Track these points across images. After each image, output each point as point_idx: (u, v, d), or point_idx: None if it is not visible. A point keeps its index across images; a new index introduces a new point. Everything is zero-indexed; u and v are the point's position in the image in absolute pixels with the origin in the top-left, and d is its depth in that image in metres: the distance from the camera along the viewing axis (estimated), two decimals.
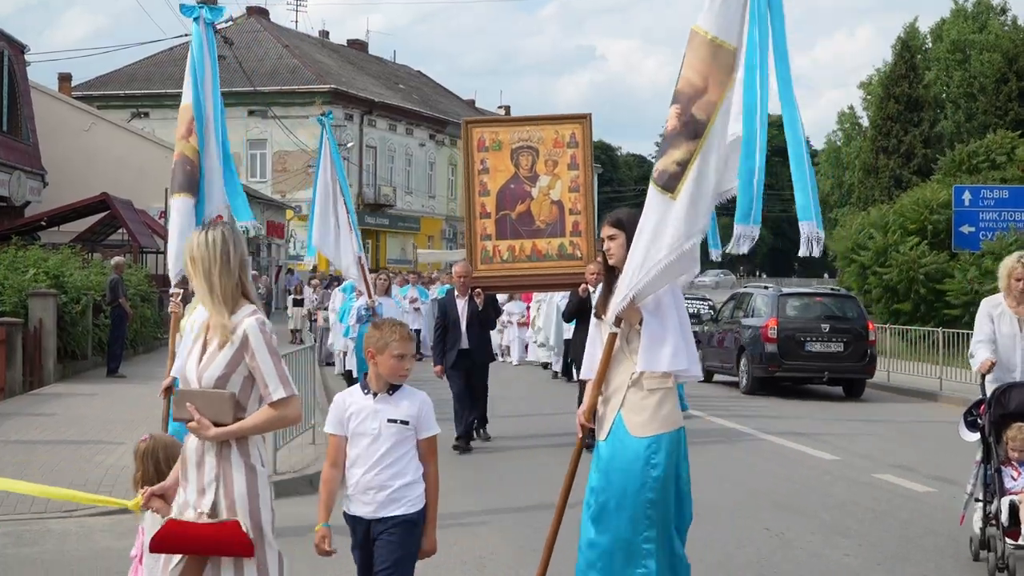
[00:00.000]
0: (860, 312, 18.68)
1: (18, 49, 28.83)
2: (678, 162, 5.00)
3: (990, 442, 6.96)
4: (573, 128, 11.80)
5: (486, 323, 12.15)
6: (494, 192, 11.71)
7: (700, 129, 4.99)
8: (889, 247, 28.05)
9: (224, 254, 4.05)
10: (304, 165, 48.20)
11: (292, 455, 10.32)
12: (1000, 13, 52.49)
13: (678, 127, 5.03)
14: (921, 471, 10.76)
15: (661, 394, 5.23)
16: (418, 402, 4.65)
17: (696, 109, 5.00)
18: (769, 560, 7.25)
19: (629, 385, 5.25)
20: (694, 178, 4.99)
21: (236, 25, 46.43)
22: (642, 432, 5.19)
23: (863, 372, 17.98)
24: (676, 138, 5.03)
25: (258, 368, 3.99)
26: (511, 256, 11.64)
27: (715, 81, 5.00)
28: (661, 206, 5.05)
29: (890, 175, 41.60)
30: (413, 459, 4.62)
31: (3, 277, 17.14)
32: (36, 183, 28.92)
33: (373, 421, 4.59)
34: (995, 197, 26.65)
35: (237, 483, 3.98)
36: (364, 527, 4.60)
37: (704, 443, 12.48)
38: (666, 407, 5.23)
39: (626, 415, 5.25)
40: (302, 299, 27.62)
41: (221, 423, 3.95)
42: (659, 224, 5.04)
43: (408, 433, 4.61)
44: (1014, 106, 39.65)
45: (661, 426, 5.19)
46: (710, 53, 5.00)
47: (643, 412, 5.22)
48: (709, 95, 4.99)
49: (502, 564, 7.13)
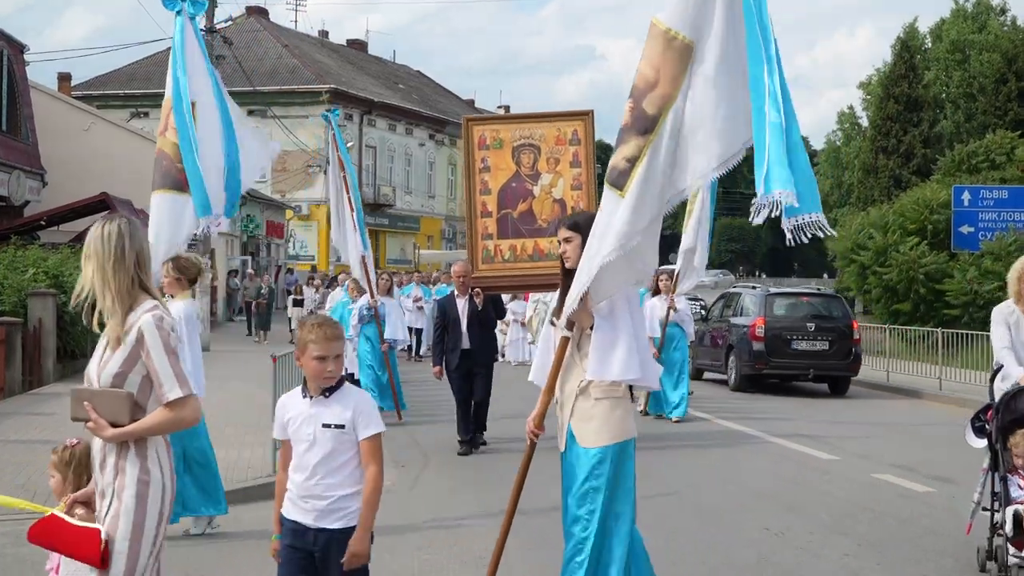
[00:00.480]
0: (845, 311, 19.20)
1: (17, 49, 28.81)
2: (628, 158, 4.82)
3: (997, 449, 6.67)
4: (575, 125, 11.61)
5: (486, 323, 11.99)
6: (495, 191, 11.60)
7: (650, 125, 4.79)
8: (889, 247, 28.07)
9: (119, 248, 3.89)
10: (304, 165, 48.24)
11: None
12: (1000, 13, 52.51)
13: (630, 122, 4.85)
14: (921, 471, 10.76)
15: (610, 403, 5.07)
16: (353, 403, 4.33)
17: (647, 103, 4.80)
18: (769, 560, 7.25)
19: (577, 393, 5.11)
20: (642, 176, 4.79)
21: (236, 25, 46.34)
22: (589, 442, 5.07)
23: (847, 370, 18.38)
24: (627, 133, 4.86)
25: (153, 367, 3.82)
26: (513, 255, 11.46)
27: (667, 75, 4.78)
28: (611, 204, 4.85)
29: (890, 175, 41.60)
30: (356, 468, 4.32)
31: (2, 277, 17.13)
32: (35, 183, 28.90)
33: (308, 426, 4.31)
34: (994, 197, 26.68)
35: (127, 493, 3.81)
36: (302, 533, 4.31)
37: (704, 444, 12.48)
38: (615, 417, 5.07)
39: (575, 424, 5.12)
40: (302, 299, 27.62)
41: (118, 423, 3.80)
42: (608, 223, 4.85)
43: (346, 438, 4.30)
44: (1013, 106, 39.65)
45: (609, 437, 5.05)
46: (664, 46, 4.79)
47: (591, 421, 5.08)
48: (660, 89, 4.78)
49: (501, 563, 7.13)
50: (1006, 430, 6.67)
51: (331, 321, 4.45)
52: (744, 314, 19.12)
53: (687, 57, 4.78)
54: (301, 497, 4.32)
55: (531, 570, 7.03)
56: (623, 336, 4.98)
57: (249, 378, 17.04)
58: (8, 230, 25.72)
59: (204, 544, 7.52)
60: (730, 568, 7.08)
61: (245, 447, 10.88)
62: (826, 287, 39.71)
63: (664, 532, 7.98)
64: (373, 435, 4.32)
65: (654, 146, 4.78)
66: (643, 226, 4.83)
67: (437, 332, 11.97)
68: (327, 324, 4.35)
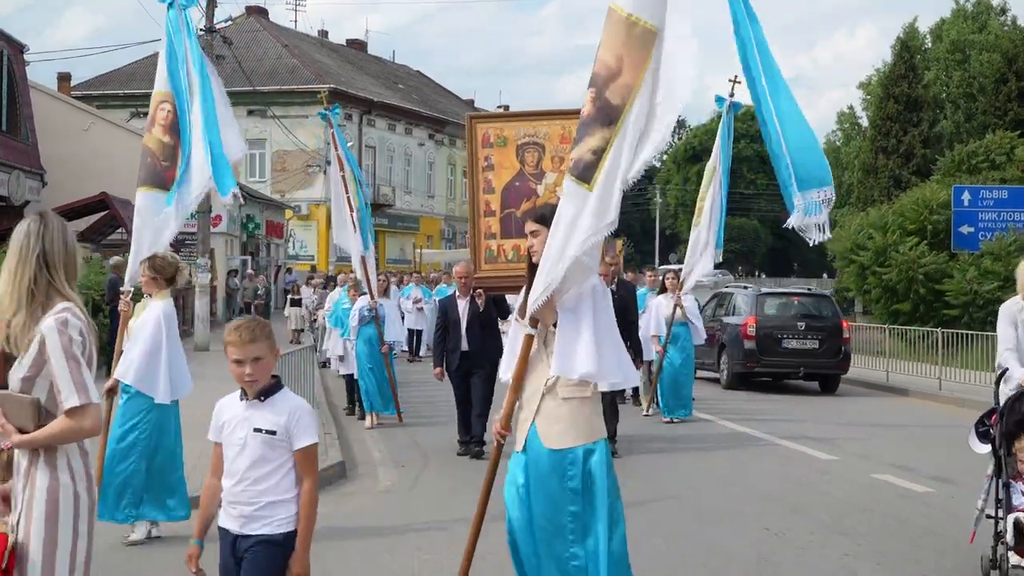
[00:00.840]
0: (835, 311, 19.54)
1: (17, 49, 28.81)
2: (593, 150, 4.68)
3: (1001, 455, 6.43)
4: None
5: (487, 324, 11.79)
6: (499, 189, 11.38)
7: (615, 115, 4.64)
8: (888, 247, 28.06)
9: (24, 246, 3.75)
10: (303, 165, 48.24)
11: None
12: (1000, 13, 52.52)
13: (593, 112, 4.69)
14: (920, 471, 10.76)
15: (577, 403, 4.90)
16: (288, 410, 4.16)
17: (611, 93, 4.65)
18: (769, 560, 7.26)
19: (544, 392, 4.93)
20: (608, 168, 4.66)
21: (235, 25, 46.32)
22: (557, 444, 4.88)
23: (837, 368, 18.74)
24: (591, 124, 4.70)
25: (53, 373, 3.61)
26: (516, 256, 11.13)
27: (631, 63, 4.62)
28: (578, 198, 4.72)
29: (889, 175, 41.58)
30: (287, 475, 4.16)
31: None
32: (35, 183, 28.90)
33: (241, 430, 4.18)
34: (994, 197, 26.68)
35: (37, 502, 3.63)
36: (230, 541, 4.19)
37: (704, 444, 12.49)
38: (583, 417, 4.90)
39: (540, 424, 4.94)
40: (300, 299, 27.59)
41: (24, 430, 3.63)
42: (576, 217, 4.71)
43: (277, 444, 4.14)
44: (1013, 106, 39.62)
45: (577, 438, 4.88)
46: (625, 32, 4.63)
47: (558, 422, 4.90)
48: (624, 78, 4.62)
49: (501, 562, 7.13)
50: (1010, 435, 6.45)
51: (252, 324, 4.22)
52: (736, 313, 19.42)
53: (650, 43, 4.63)
54: (229, 503, 4.20)
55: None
56: (588, 331, 4.80)
57: None
58: (8, 230, 25.73)
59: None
60: (730, 568, 7.08)
61: None
62: (826, 287, 39.76)
63: (664, 533, 7.99)
64: (308, 446, 4.17)
65: (620, 137, 4.65)
66: (610, 219, 4.71)
67: (438, 333, 11.86)
68: (245, 327, 4.16)
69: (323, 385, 16.36)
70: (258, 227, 43.08)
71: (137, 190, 8.07)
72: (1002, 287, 24.97)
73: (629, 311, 11.82)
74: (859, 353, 22.50)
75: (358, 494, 9.59)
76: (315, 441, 4.18)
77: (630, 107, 4.63)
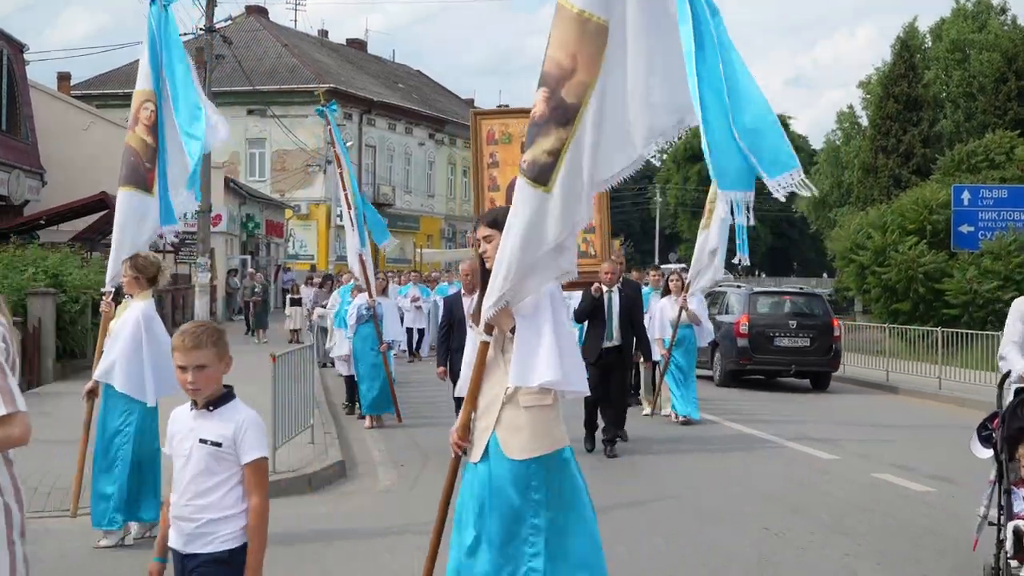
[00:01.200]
0: (826, 310, 19.90)
1: (17, 48, 28.81)
2: (549, 152, 4.51)
3: (1003, 460, 6.22)
4: None
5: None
6: (504, 187, 11.29)
7: (571, 114, 4.49)
8: (888, 247, 28.07)
9: None
10: (303, 164, 48.23)
11: (291, 454, 10.31)
12: (1000, 13, 52.48)
13: (547, 112, 4.53)
14: (920, 471, 10.76)
15: (538, 411, 4.73)
16: (235, 422, 3.95)
17: (566, 92, 4.49)
18: (769, 560, 7.25)
19: (504, 402, 4.74)
20: (568, 169, 4.51)
21: (235, 24, 46.34)
22: (520, 454, 4.70)
23: (828, 366, 19.15)
24: (545, 125, 4.53)
25: None
26: None
27: (585, 60, 4.48)
28: (534, 201, 4.54)
29: (889, 175, 41.57)
30: (232, 490, 3.93)
31: (2, 276, 17.13)
32: (35, 182, 28.90)
33: (187, 441, 3.97)
34: (994, 197, 26.70)
35: None
36: (179, 560, 3.97)
37: (703, 444, 12.48)
38: (544, 425, 4.74)
39: (501, 435, 4.75)
40: (299, 299, 27.57)
41: None
42: (533, 220, 4.54)
43: (224, 457, 3.93)
44: (1013, 106, 39.61)
45: (540, 447, 4.71)
46: (578, 29, 4.47)
47: (519, 432, 4.72)
48: (579, 76, 4.47)
49: None
50: (1012, 440, 6.22)
51: (197, 329, 4.00)
52: (729, 312, 19.65)
53: (603, 39, 4.50)
54: (174, 519, 3.98)
55: None
56: (548, 338, 4.62)
57: (248, 378, 17.05)
58: (8, 229, 25.72)
59: None
60: (730, 568, 7.07)
61: None
62: (825, 287, 39.75)
63: (665, 533, 7.99)
64: (256, 460, 3.95)
65: (577, 137, 4.51)
66: (576, 220, 4.61)
67: (442, 332, 11.55)
68: (190, 332, 3.97)
69: (323, 385, 16.35)
70: (258, 226, 43.09)
71: (119, 189, 7.95)
72: (1002, 286, 25.01)
73: (634, 310, 11.82)
74: (859, 353, 22.54)
75: (358, 494, 9.59)
76: (263, 455, 3.97)
77: (586, 105, 4.49)
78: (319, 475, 9.83)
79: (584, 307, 11.69)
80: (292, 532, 7.86)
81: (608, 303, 11.65)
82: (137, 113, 7.99)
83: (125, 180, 7.92)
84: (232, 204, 39.43)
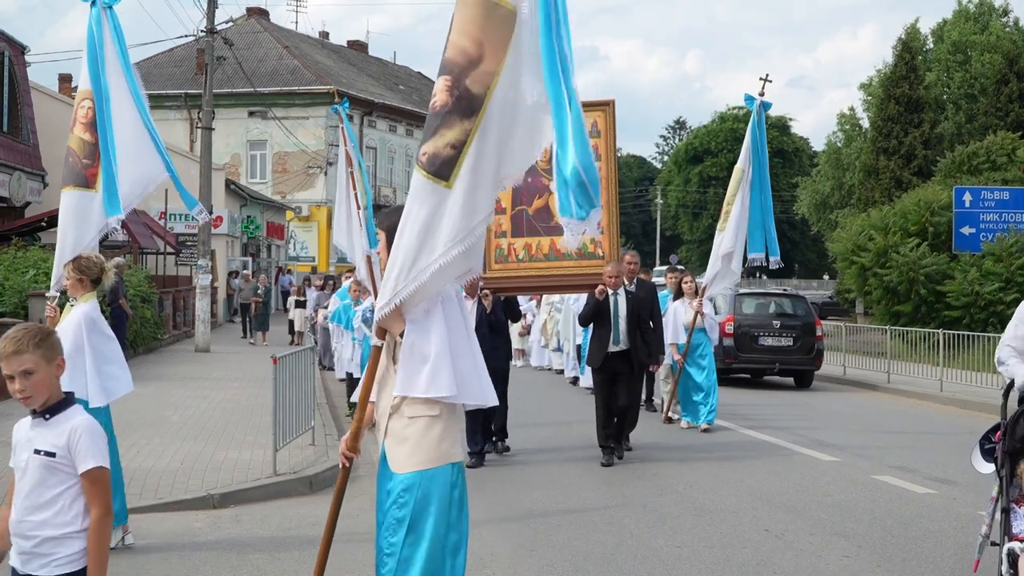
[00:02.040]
0: (808, 310, 20.44)
1: (18, 50, 28.83)
2: (452, 144, 4.25)
3: (1003, 475, 5.89)
4: (595, 116, 10.79)
5: (496, 327, 11.08)
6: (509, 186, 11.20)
7: (476, 105, 4.23)
8: (889, 248, 28.08)
9: None
10: (304, 166, 48.25)
11: (291, 456, 10.32)
12: (1002, 14, 52.49)
13: (449, 103, 4.25)
14: (921, 472, 10.75)
15: (424, 423, 4.40)
16: (69, 429, 3.65)
17: (471, 82, 4.24)
18: (768, 561, 7.25)
19: (390, 412, 4.48)
20: (472, 163, 4.25)
21: (236, 26, 46.39)
22: (400, 467, 4.40)
23: (811, 364, 19.72)
24: (448, 116, 4.25)
25: None
26: (527, 255, 10.81)
27: (492, 48, 4.23)
28: (433, 196, 4.27)
29: (890, 176, 41.58)
30: (71, 505, 3.63)
31: (3, 278, 17.15)
32: (36, 184, 28.91)
33: (24, 451, 3.70)
34: (995, 198, 26.71)
35: None
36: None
37: (703, 445, 12.48)
38: (430, 439, 4.39)
39: (388, 446, 4.49)
40: (304, 300, 27.55)
41: None
42: (432, 218, 4.27)
43: (59, 468, 3.63)
44: (1015, 107, 39.62)
45: (421, 461, 4.38)
46: (484, 15, 4.23)
47: (403, 444, 4.42)
48: (486, 64, 4.22)
49: (502, 563, 7.14)
50: (1015, 454, 5.86)
51: (19, 334, 3.69)
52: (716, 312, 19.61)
53: (511, 25, 4.26)
54: (12, 536, 3.68)
55: (536, 571, 7.03)
56: (435, 345, 4.33)
57: (249, 379, 17.06)
58: (9, 231, 25.73)
59: (202, 545, 7.51)
60: (730, 570, 7.07)
61: (245, 448, 10.89)
62: (827, 289, 39.69)
63: (664, 534, 7.99)
64: (92, 469, 3.63)
65: (482, 129, 4.25)
66: (481, 218, 4.32)
67: None
68: (11, 337, 3.67)
69: (324, 387, 16.36)
70: (259, 228, 43.11)
71: (62, 191, 7.82)
72: (1003, 288, 25.01)
73: (644, 312, 11.43)
74: (860, 354, 22.55)
75: (359, 495, 9.58)
76: (100, 465, 3.65)
77: (491, 95, 4.24)
78: (320, 477, 9.84)
79: (587, 310, 11.28)
80: (293, 534, 7.87)
81: (614, 306, 11.15)
82: (75, 113, 7.90)
83: (64, 182, 7.77)
84: (233, 206, 39.46)
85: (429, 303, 4.37)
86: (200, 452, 10.66)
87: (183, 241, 33.36)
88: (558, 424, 14.01)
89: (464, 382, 4.41)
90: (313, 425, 11.57)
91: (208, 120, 26.28)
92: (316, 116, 48.21)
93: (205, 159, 26.23)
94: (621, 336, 11.12)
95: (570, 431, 13.36)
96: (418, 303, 4.36)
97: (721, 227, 14.12)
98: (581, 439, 12.37)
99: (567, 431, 13.40)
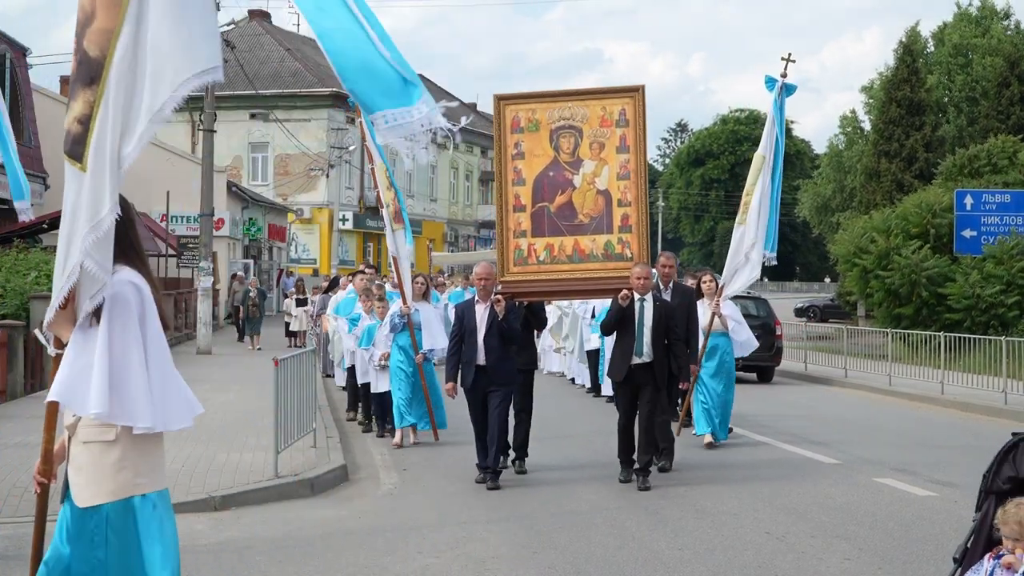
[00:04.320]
0: (769, 311, 21.97)
1: (20, 52, 28.87)
2: (79, 119, 3.73)
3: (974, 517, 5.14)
4: (623, 103, 9.96)
5: (508, 336, 9.95)
6: (530, 181, 10.04)
7: (96, 71, 3.71)
8: (891, 251, 28.05)
9: None
10: (305, 168, 48.25)
11: (293, 459, 10.32)
12: (1004, 17, 52.47)
13: (74, 68, 3.76)
14: (922, 475, 10.74)
15: (99, 448, 3.88)
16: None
17: (88, 43, 3.71)
18: (769, 563, 7.25)
19: (69, 434, 3.97)
20: (97, 141, 3.73)
21: (238, 28, 46.39)
22: (82, 500, 3.90)
23: (771, 360, 21.38)
24: (74, 85, 3.76)
25: None
26: (549, 256, 10.05)
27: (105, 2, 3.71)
28: (75, 181, 3.78)
29: (892, 179, 41.54)
30: None
31: (5, 280, 17.16)
32: (38, 185, 28.91)
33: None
34: (997, 201, 26.69)
35: None
36: None
37: (702, 446, 12.46)
38: (105, 467, 3.88)
39: (70, 474, 3.98)
40: (305, 299, 27.47)
41: None
42: (75, 207, 3.78)
43: None
44: (1016, 110, 39.59)
45: (100, 493, 3.88)
46: None
47: (80, 472, 3.91)
48: (100, 21, 3.70)
49: (503, 565, 7.14)
50: (1001, 494, 4.91)
51: None
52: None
53: None
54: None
55: (537, 573, 7.03)
56: (101, 357, 3.76)
57: (251, 381, 17.05)
58: (10, 233, 25.74)
59: (203, 547, 7.51)
60: (731, 572, 7.07)
61: (246, 451, 10.90)
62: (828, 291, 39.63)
63: (665, 536, 7.99)
64: None
65: (104, 99, 3.71)
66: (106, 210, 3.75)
67: (452, 343, 10.25)
68: None
69: (326, 390, 16.36)
70: (260, 230, 43.11)
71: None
72: (1004, 291, 25.00)
73: (674, 321, 10.17)
74: (861, 357, 22.56)
75: (360, 497, 9.60)
76: None
77: (111, 59, 3.70)
78: (321, 479, 9.84)
79: (610, 317, 10.00)
80: (294, 536, 7.87)
81: (639, 313, 9.84)
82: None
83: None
84: (234, 208, 39.48)
85: (93, 304, 3.82)
86: (201, 454, 10.66)
87: (184, 243, 33.37)
88: (567, 437, 13.98)
89: (132, 400, 3.82)
90: (315, 427, 11.57)
91: (210, 122, 26.31)
92: (318, 118, 48.23)
93: (207, 161, 26.26)
94: (644, 347, 9.83)
95: (576, 441, 13.36)
96: (83, 304, 3.82)
97: (741, 219, 12.86)
98: (588, 447, 12.36)
99: (573, 442, 13.39)
